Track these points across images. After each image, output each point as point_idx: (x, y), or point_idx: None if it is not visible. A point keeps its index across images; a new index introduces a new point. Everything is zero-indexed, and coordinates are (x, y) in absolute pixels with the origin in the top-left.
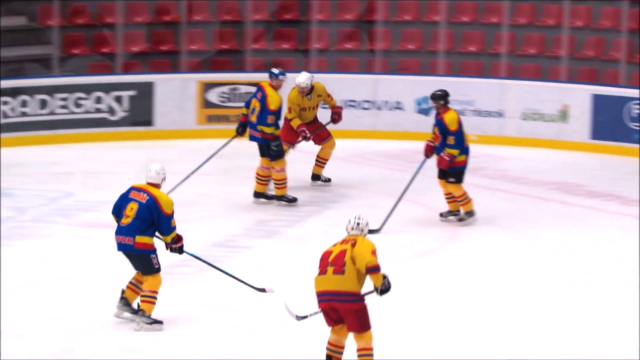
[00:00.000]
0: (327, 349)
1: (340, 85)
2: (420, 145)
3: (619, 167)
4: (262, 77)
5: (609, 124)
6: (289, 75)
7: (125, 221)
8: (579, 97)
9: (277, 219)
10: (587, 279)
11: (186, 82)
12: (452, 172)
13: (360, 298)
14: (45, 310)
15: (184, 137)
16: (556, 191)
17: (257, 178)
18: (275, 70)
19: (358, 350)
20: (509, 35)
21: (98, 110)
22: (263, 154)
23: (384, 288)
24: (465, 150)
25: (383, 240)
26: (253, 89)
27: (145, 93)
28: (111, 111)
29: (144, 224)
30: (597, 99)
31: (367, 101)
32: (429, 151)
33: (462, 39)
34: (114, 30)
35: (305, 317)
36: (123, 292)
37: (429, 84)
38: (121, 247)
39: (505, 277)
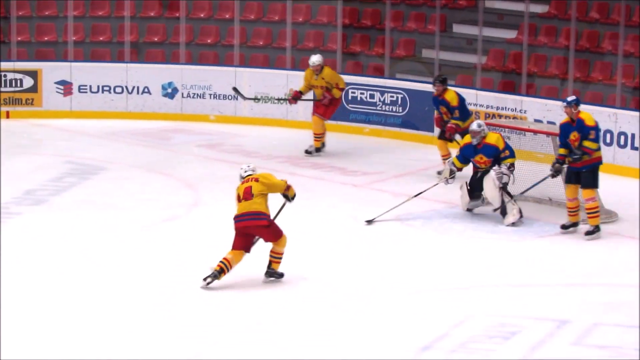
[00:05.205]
0: (224, 263)
1: (95, 73)
2: (166, 124)
3: (339, 143)
4: None
5: None
6: None
7: None
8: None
9: (44, 189)
10: (314, 237)
11: None
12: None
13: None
14: None
15: None
16: (286, 163)
17: None
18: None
19: (275, 253)
20: (240, 29)
21: None
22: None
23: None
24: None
25: None
26: None
27: None
28: None
29: None
30: None
31: (119, 86)
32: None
33: (199, 32)
34: None
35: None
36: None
37: (173, 72)
38: None
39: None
